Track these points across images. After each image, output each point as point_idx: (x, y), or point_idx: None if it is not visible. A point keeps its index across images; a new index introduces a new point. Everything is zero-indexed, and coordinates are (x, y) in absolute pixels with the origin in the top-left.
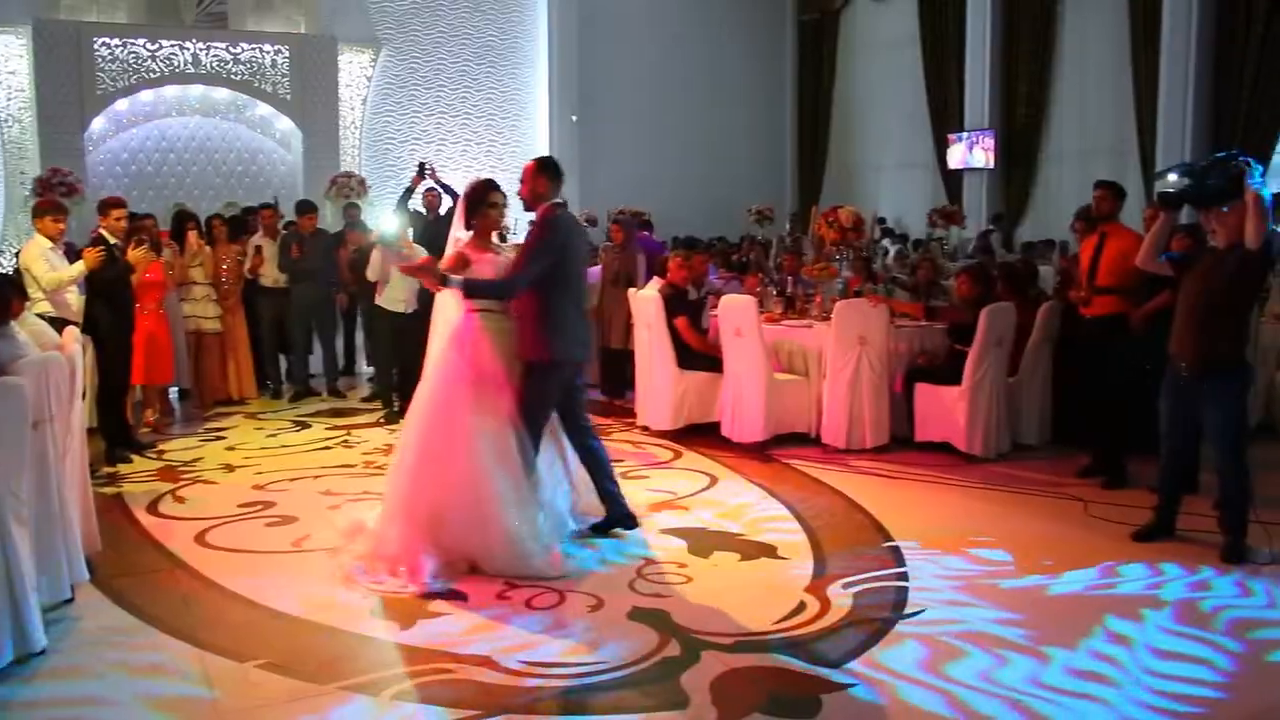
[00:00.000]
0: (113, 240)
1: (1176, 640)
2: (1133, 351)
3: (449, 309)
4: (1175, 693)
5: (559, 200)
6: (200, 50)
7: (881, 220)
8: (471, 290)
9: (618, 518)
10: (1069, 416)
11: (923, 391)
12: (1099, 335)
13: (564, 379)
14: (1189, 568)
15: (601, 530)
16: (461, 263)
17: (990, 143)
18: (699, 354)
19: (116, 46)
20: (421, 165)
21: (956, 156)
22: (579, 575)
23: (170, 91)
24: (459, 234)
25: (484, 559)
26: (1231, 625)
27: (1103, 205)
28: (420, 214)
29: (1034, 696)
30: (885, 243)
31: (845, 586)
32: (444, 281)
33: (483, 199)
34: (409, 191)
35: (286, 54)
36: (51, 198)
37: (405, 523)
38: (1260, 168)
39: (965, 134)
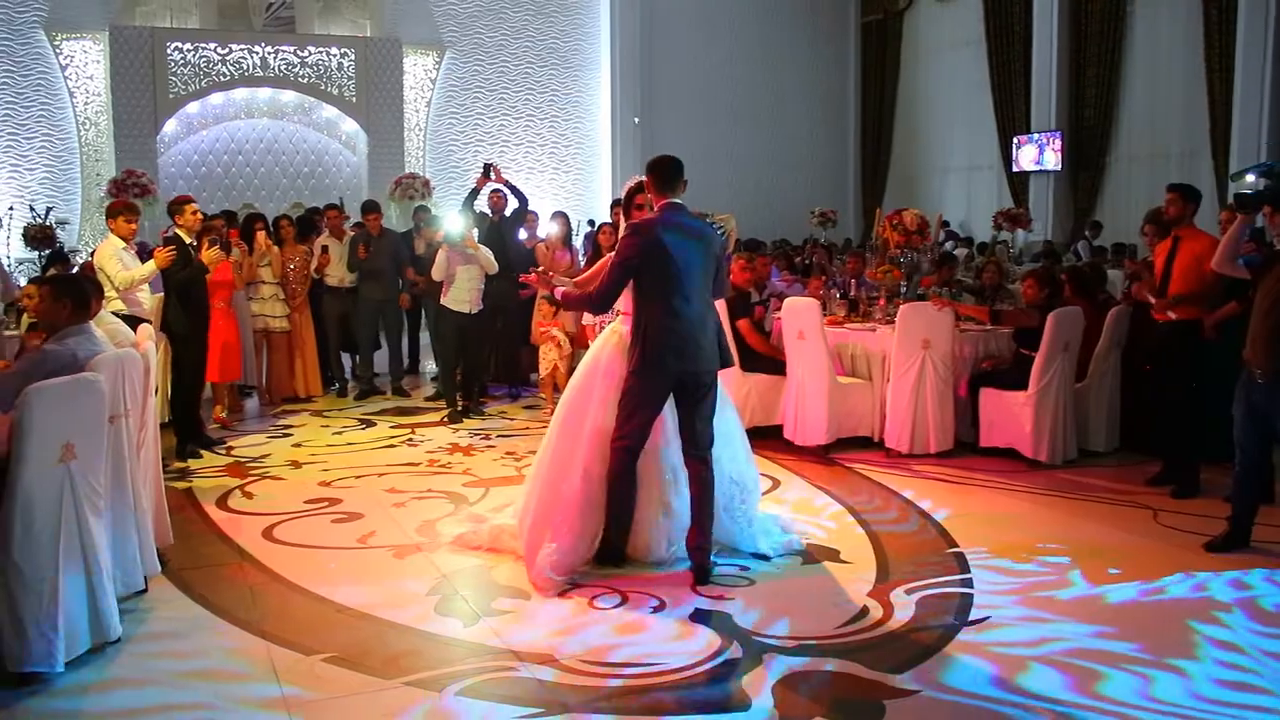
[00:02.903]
0: (188, 239)
1: (1248, 657)
2: (1207, 358)
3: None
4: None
5: (673, 201)
6: (269, 54)
7: (946, 224)
8: (565, 301)
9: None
10: (1137, 423)
11: (988, 396)
12: (1172, 341)
13: (657, 388)
14: (1264, 580)
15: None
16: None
17: (1059, 144)
18: (762, 356)
19: (188, 51)
20: (487, 166)
21: (1028, 158)
22: (554, 592)
23: (239, 94)
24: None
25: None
26: None
27: (1172, 209)
28: (486, 215)
29: (1098, 711)
30: (949, 245)
31: (909, 592)
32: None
33: (630, 201)
34: (474, 193)
35: (352, 57)
36: (125, 198)
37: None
38: None
39: (1035, 135)
